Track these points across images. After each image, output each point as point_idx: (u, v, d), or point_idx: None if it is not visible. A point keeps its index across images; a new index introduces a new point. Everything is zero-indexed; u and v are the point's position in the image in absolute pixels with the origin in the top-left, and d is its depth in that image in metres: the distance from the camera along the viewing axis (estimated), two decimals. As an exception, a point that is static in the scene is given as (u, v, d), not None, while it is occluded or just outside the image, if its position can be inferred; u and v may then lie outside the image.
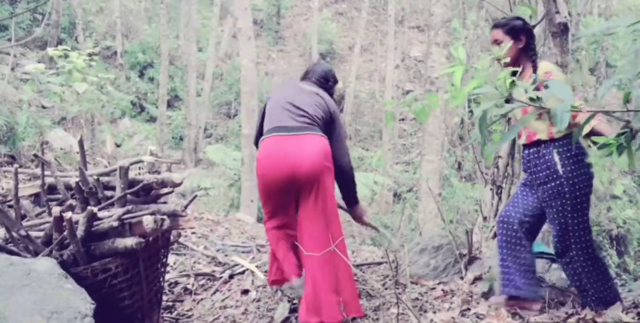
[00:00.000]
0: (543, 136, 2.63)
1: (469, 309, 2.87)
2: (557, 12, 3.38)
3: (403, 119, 17.30)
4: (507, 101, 1.45)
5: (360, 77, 18.89)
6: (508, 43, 2.65)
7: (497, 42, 2.74)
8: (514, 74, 2.73)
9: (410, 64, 19.77)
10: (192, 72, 13.32)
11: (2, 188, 2.52)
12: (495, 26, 2.78)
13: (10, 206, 2.34)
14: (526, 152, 2.75)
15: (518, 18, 2.82)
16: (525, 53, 2.75)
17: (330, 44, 19.88)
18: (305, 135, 2.93)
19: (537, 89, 2.62)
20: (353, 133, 17.37)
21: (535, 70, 2.72)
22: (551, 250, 3.25)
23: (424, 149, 6.87)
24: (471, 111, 12.29)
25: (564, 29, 3.46)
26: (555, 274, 3.09)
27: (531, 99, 1.43)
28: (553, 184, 2.63)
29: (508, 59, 2.53)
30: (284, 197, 2.99)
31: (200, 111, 14.21)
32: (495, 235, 3.60)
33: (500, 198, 3.77)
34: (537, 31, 3.42)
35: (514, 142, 3.71)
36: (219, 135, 15.78)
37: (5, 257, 2.04)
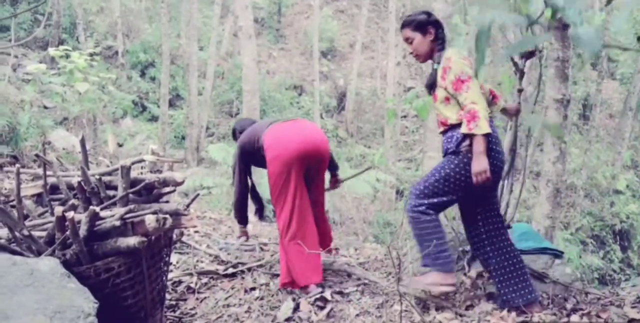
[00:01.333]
0: (453, 120, 2.69)
1: (472, 306, 2.87)
2: (558, 7, 3.36)
3: (405, 116, 17.28)
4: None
5: (362, 74, 18.87)
6: (419, 39, 2.77)
7: (408, 41, 2.82)
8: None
9: (412, 61, 19.71)
10: (193, 71, 13.31)
11: (5, 189, 2.53)
12: (403, 25, 2.83)
13: (12, 206, 2.34)
14: (444, 140, 2.79)
15: (423, 12, 2.86)
16: (436, 44, 2.80)
17: (331, 41, 19.86)
18: (303, 119, 3.40)
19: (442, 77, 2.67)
20: (355, 130, 17.36)
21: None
22: (555, 246, 3.24)
23: (425, 145, 6.86)
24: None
25: (565, 24, 3.45)
26: (559, 270, 3.08)
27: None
28: (449, 155, 2.70)
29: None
30: (302, 172, 3.20)
31: (202, 110, 14.20)
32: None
33: (502, 194, 3.76)
34: (537, 26, 3.41)
35: (515, 138, 3.70)
36: (221, 134, 15.78)
37: (8, 257, 2.04)
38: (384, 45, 18.67)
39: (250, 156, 3.38)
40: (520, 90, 3.02)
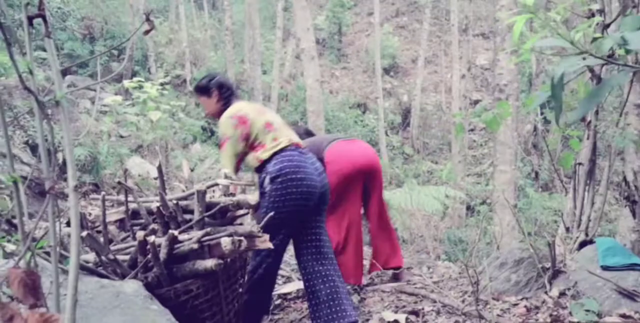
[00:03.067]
0: (255, 164, 2.86)
1: (557, 326, 2.73)
2: (635, 7, 3.20)
3: (472, 130, 16.91)
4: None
5: (426, 89, 18.68)
6: (206, 101, 3.09)
7: (202, 103, 3.14)
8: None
9: (477, 73, 19.37)
10: (258, 95, 13.66)
11: (90, 215, 2.66)
12: (193, 90, 3.17)
13: (98, 232, 2.46)
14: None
15: (206, 77, 3.15)
16: (221, 104, 3.07)
17: (393, 58, 19.83)
18: (359, 139, 3.76)
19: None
20: (421, 146, 17.14)
21: None
22: (644, 261, 3.04)
23: (496, 159, 6.68)
24: (544, 117, 11.81)
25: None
26: (651, 287, 2.88)
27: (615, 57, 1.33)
28: (262, 199, 2.79)
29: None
30: (357, 187, 3.53)
31: (267, 132, 14.48)
32: (580, 247, 3.42)
33: (583, 208, 3.59)
34: (612, 29, 3.26)
35: (594, 147, 3.54)
36: (287, 155, 16.00)
37: (96, 280, 2.14)
38: (447, 59, 18.44)
39: None
40: (596, 98, 2.88)
